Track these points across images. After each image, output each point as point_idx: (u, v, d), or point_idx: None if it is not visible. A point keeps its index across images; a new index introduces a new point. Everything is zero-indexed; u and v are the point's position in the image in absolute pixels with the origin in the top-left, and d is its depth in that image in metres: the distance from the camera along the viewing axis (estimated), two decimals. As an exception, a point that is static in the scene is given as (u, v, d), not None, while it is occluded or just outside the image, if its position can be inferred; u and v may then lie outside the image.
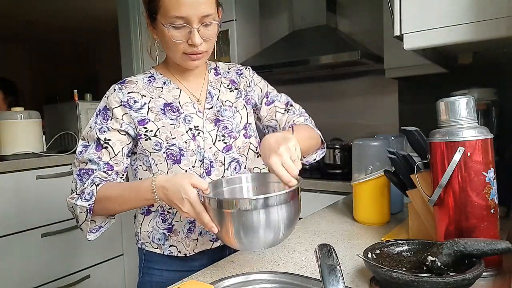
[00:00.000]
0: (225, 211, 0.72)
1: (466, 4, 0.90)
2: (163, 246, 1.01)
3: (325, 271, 0.48)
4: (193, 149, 0.97)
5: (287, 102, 1.17)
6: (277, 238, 0.75)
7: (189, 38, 0.90)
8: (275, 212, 0.71)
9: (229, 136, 1.02)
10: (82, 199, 0.91)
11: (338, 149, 2.21)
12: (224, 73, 1.12)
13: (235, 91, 1.09)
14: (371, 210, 1.15)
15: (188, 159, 0.96)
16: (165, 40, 0.93)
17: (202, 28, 0.91)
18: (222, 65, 1.15)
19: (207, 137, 0.99)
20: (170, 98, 1.00)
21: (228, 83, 1.10)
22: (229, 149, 1.02)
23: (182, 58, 0.95)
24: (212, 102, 1.04)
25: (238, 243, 0.75)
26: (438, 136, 0.78)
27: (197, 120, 1.00)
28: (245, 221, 0.70)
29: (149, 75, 1.04)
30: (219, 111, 1.03)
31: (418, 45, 0.99)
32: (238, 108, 1.07)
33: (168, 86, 1.02)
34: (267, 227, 0.71)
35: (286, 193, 0.72)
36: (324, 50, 2.11)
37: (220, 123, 1.02)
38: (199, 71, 1.06)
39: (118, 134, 0.96)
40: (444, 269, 0.69)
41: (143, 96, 0.98)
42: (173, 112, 0.98)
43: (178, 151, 0.96)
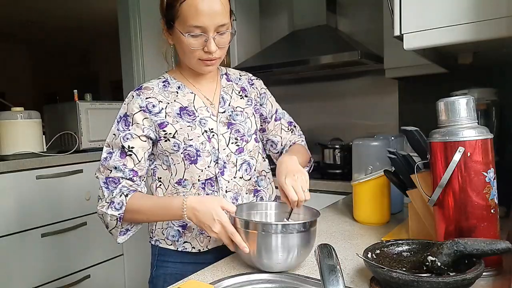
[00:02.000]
0: (251, 231, 0.81)
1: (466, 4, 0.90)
2: (177, 242, 1.04)
3: (325, 271, 0.48)
4: (208, 150, 1.01)
5: (290, 121, 1.26)
6: (292, 262, 0.82)
7: (205, 45, 0.96)
8: (293, 238, 0.80)
9: (241, 139, 1.07)
10: (112, 208, 0.96)
11: (338, 149, 2.21)
12: (236, 80, 1.16)
13: (245, 99, 1.14)
14: (371, 210, 1.15)
15: (204, 159, 1.01)
16: (181, 46, 0.98)
17: (217, 36, 0.96)
18: (233, 71, 1.19)
19: (221, 139, 1.04)
20: (185, 102, 1.04)
21: (239, 90, 1.14)
22: (241, 151, 1.07)
23: (197, 64, 1.00)
24: (225, 106, 1.08)
25: (257, 261, 0.83)
26: (438, 136, 0.78)
27: (211, 123, 1.04)
28: (266, 242, 0.79)
29: (163, 80, 1.08)
30: (231, 116, 1.08)
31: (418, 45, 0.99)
32: (249, 115, 1.11)
33: (183, 91, 1.06)
34: (284, 250, 0.79)
35: (305, 223, 0.82)
36: (324, 50, 2.11)
37: (232, 126, 1.07)
38: (212, 76, 1.11)
39: (140, 140, 1.00)
40: (444, 269, 0.69)
41: (160, 102, 1.02)
42: (189, 115, 1.03)
43: (195, 151, 1.00)
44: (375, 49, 2.15)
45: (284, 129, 1.23)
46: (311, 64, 2.13)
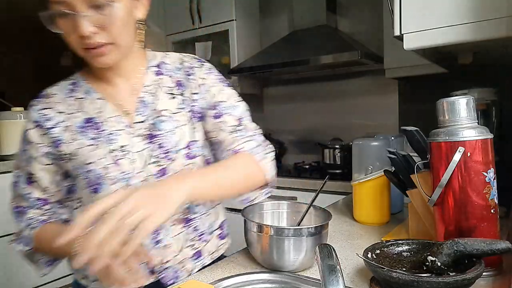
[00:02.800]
0: (264, 235, 0.82)
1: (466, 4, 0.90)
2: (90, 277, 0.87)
3: (325, 271, 0.48)
4: (114, 176, 0.80)
5: (240, 118, 0.89)
6: (304, 262, 0.82)
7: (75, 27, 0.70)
8: (304, 241, 0.80)
9: (165, 157, 0.82)
10: (22, 243, 0.85)
11: (338, 149, 2.21)
12: (173, 71, 0.88)
13: (179, 99, 0.86)
14: (371, 210, 1.15)
15: (108, 189, 0.80)
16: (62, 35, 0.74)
17: (93, 13, 0.70)
18: (174, 58, 0.91)
19: (135, 159, 0.81)
20: (92, 112, 0.82)
21: (172, 86, 0.87)
22: (164, 173, 0.82)
23: (84, 54, 0.75)
24: (146, 113, 0.83)
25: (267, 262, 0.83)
26: (438, 136, 0.78)
27: (124, 138, 0.81)
28: (279, 246, 0.80)
29: (72, 81, 0.86)
30: (154, 124, 0.83)
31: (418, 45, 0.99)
32: (180, 122, 0.85)
33: (91, 96, 0.83)
34: (296, 253, 0.80)
35: (316, 227, 0.82)
36: (324, 50, 2.11)
37: (154, 140, 0.82)
38: (131, 70, 0.85)
39: (39, 164, 0.83)
40: (444, 269, 0.69)
41: (59, 113, 0.82)
42: (94, 129, 0.81)
43: (96, 178, 0.80)
44: (375, 49, 2.15)
45: (224, 129, 0.87)
46: (311, 64, 2.13)
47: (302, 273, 0.82)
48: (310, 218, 0.94)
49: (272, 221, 0.98)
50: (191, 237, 0.89)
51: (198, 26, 2.66)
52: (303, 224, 0.91)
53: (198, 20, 2.65)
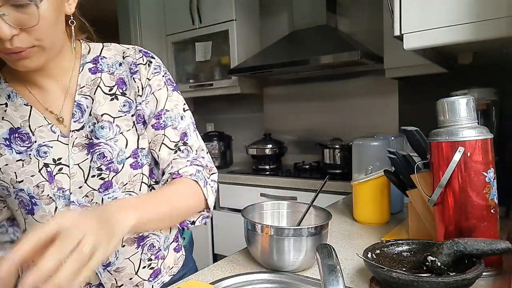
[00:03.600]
0: (264, 235, 0.82)
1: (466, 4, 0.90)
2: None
3: (325, 271, 0.48)
4: (49, 194, 0.70)
5: (184, 132, 0.79)
6: (304, 262, 0.82)
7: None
8: (304, 241, 0.80)
9: (107, 168, 0.72)
10: None
11: (338, 149, 2.21)
12: (112, 67, 0.76)
13: (121, 99, 0.74)
14: (371, 210, 1.15)
15: (44, 208, 0.70)
16: None
17: (12, 11, 0.57)
18: (114, 51, 0.78)
19: (74, 173, 0.71)
20: (17, 121, 0.70)
21: (112, 84, 0.75)
22: (108, 186, 0.73)
23: (4, 57, 0.63)
24: (84, 118, 0.72)
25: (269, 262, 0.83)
26: (438, 136, 0.78)
27: (59, 150, 0.71)
28: (279, 246, 0.80)
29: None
30: (92, 132, 0.72)
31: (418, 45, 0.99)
32: (123, 128, 0.74)
33: (14, 102, 0.71)
34: (296, 253, 0.80)
35: (316, 227, 0.82)
36: (324, 50, 2.11)
37: (94, 149, 0.71)
38: (61, 69, 0.73)
39: None
40: (444, 269, 0.69)
41: None
42: (21, 141, 0.70)
43: (28, 198, 0.70)
44: (375, 49, 2.15)
45: (167, 146, 0.77)
46: (311, 64, 2.13)
47: (302, 273, 0.82)
48: (310, 218, 0.94)
49: (272, 221, 0.98)
50: (147, 257, 0.81)
51: (198, 26, 2.66)
52: (303, 224, 0.91)
53: (198, 20, 2.65)
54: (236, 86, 2.61)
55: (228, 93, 2.66)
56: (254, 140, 2.64)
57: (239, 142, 2.83)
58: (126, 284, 0.79)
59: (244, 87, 2.65)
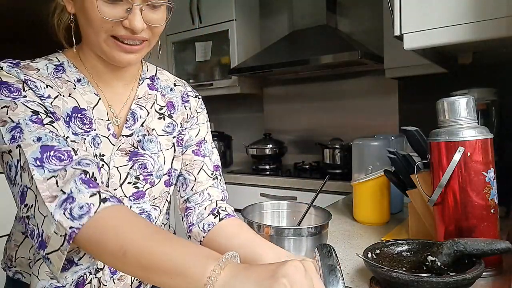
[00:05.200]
0: (264, 234, 0.82)
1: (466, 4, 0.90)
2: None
3: (325, 271, 0.48)
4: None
5: (216, 165, 0.86)
6: None
7: (126, 18, 0.63)
8: (304, 241, 0.81)
9: (145, 179, 0.74)
10: (67, 211, 0.53)
11: (338, 149, 2.21)
12: (164, 89, 0.81)
13: (167, 120, 0.79)
14: (371, 210, 1.15)
15: None
16: (87, 14, 0.63)
17: (147, 9, 0.64)
18: (166, 76, 0.84)
19: (113, 174, 0.71)
20: (84, 103, 0.69)
21: (163, 105, 0.80)
22: (140, 196, 0.74)
23: (109, 45, 0.65)
24: (134, 127, 0.74)
25: None
26: (438, 136, 0.78)
27: (106, 147, 0.70)
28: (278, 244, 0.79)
29: (56, 62, 0.71)
30: (140, 142, 0.74)
31: (418, 45, 0.99)
32: (164, 146, 0.77)
33: (84, 87, 0.71)
34: (296, 253, 0.80)
35: (316, 227, 0.82)
36: (324, 50, 2.11)
37: (137, 158, 0.73)
38: (129, 76, 0.76)
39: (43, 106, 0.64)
40: (444, 269, 0.69)
41: (48, 87, 0.66)
42: (82, 123, 0.68)
43: None
44: (375, 49, 2.15)
45: (204, 170, 0.83)
46: (311, 64, 2.13)
47: (302, 273, 0.82)
48: (310, 218, 0.94)
49: (272, 221, 0.98)
50: None
51: (198, 26, 2.66)
52: (303, 224, 0.91)
53: (198, 20, 2.65)
54: (236, 86, 2.61)
55: (228, 93, 2.66)
56: (254, 140, 2.64)
57: (239, 142, 2.83)
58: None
59: (244, 87, 2.65)
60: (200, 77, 2.82)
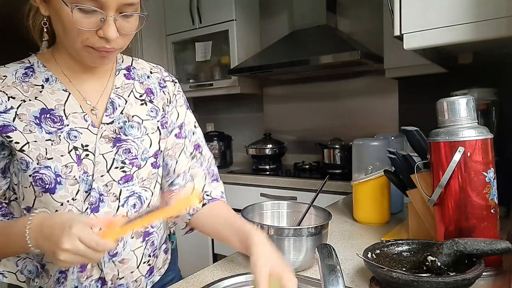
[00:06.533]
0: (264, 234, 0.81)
1: (466, 4, 0.90)
2: (32, 282, 0.79)
3: (325, 271, 0.48)
4: (76, 176, 0.72)
5: (197, 144, 0.91)
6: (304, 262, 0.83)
7: (100, 27, 0.66)
8: (304, 241, 0.81)
9: (131, 163, 0.78)
10: None
11: (338, 149, 2.21)
12: (142, 77, 0.85)
13: (149, 105, 0.83)
14: (371, 210, 1.15)
15: (67, 188, 0.72)
16: (62, 22, 0.66)
17: (120, 18, 0.67)
18: (142, 65, 0.88)
19: (99, 161, 0.75)
20: (52, 103, 0.74)
21: (142, 92, 0.84)
22: (128, 179, 0.78)
23: (84, 51, 0.69)
24: (114, 115, 0.78)
25: None
26: (438, 136, 0.78)
27: (88, 137, 0.75)
28: (279, 245, 0.81)
29: (27, 65, 0.76)
30: (122, 128, 0.78)
31: (418, 45, 0.99)
32: (149, 130, 0.82)
33: (52, 86, 0.75)
34: (296, 253, 0.81)
35: (316, 227, 0.82)
36: (324, 50, 2.11)
37: (121, 144, 0.77)
38: (103, 69, 0.81)
39: None
40: (444, 269, 0.69)
41: (10, 98, 0.71)
42: (52, 122, 0.73)
43: (54, 177, 0.71)
44: (375, 49, 2.15)
45: (184, 152, 0.88)
46: (311, 64, 2.13)
47: (302, 273, 0.82)
48: (310, 218, 0.94)
49: (272, 221, 0.98)
50: (148, 252, 0.84)
51: (198, 26, 2.66)
52: (303, 224, 0.91)
53: (198, 20, 2.65)
54: (236, 86, 2.61)
55: (228, 93, 2.66)
56: (254, 140, 2.64)
57: (239, 142, 2.83)
58: (126, 278, 0.81)
59: (244, 87, 2.65)
60: (200, 77, 2.82)
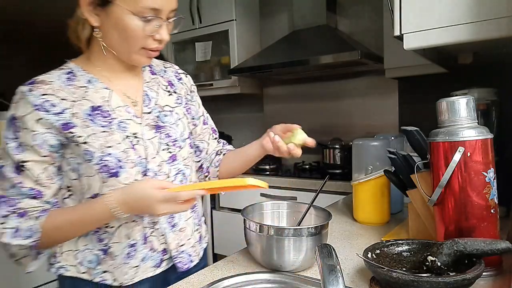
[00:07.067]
0: (263, 234, 0.83)
1: (466, 4, 0.90)
2: (94, 271, 0.84)
3: (325, 271, 0.48)
4: (133, 159, 0.83)
5: (214, 128, 1.11)
6: (304, 262, 0.82)
7: (156, 32, 0.79)
8: (304, 241, 0.81)
9: (174, 144, 0.90)
10: (19, 237, 0.77)
11: (338, 149, 2.21)
12: (161, 72, 0.98)
13: (174, 96, 0.96)
14: (371, 210, 1.15)
15: (128, 171, 0.82)
16: (122, 31, 0.78)
17: (167, 22, 0.81)
18: (157, 62, 1.00)
19: (148, 146, 0.86)
20: (98, 101, 0.83)
21: (166, 84, 0.96)
22: (174, 159, 0.90)
23: (138, 54, 0.82)
24: (151, 105, 0.90)
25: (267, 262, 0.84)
26: (438, 136, 0.78)
27: (134, 126, 0.85)
28: (279, 245, 0.81)
29: (67, 71, 0.85)
30: (158, 117, 0.90)
31: (418, 45, 0.99)
32: (180, 116, 0.94)
33: (94, 86, 0.84)
34: (296, 253, 0.81)
35: (316, 227, 0.82)
36: (324, 50, 2.11)
37: (161, 129, 0.89)
38: (135, 68, 0.91)
39: (34, 153, 0.78)
40: (444, 269, 0.69)
41: (62, 100, 0.79)
42: (103, 117, 0.82)
43: (116, 162, 0.80)
44: (375, 49, 2.15)
45: (211, 135, 1.08)
46: (311, 64, 2.13)
47: (302, 273, 0.82)
48: (310, 218, 0.94)
49: (272, 221, 0.98)
50: (196, 222, 0.99)
51: (198, 26, 2.66)
52: (303, 224, 0.91)
53: (198, 20, 2.65)
54: (236, 86, 2.61)
55: (228, 93, 2.66)
56: (254, 140, 2.64)
57: (239, 142, 2.83)
58: (186, 245, 0.92)
59: (244, 87, 2.65)
60: (200, 77, 2.82)
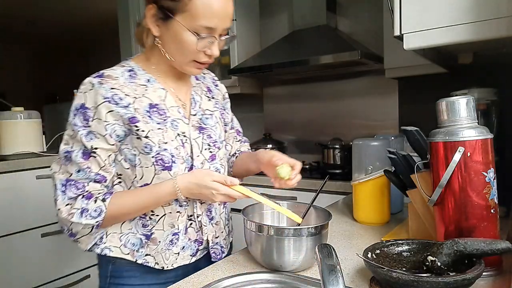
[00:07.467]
0: (263, 234, 0.83)
1: (466, 4, 0.90)
2: (137, 253, 0.91)
3: (325, 271, 0.48)
4: (183, 156, 0.91)
5: (239, 130, 1.19)
6: (304, 262, 0.83)
7: (208, 47, 0.87)
8: (304, 241, 0.81)
9: (214, 145, 0.99)
10: (87, 216, 0.85)
11: (338, 149, 2.21)
12: (201, 78, 1.07)
13: (213, 101, 1.06)
14: (371, 210, 1.15)
15: (179, 166, 0.90)
16: (179, 44, 0.87)
17: (220, 39, 0.89)
18: None
19: (194, 145, 0.94)
20: (156, 99, 0.91)
21: (206, 90, 1.06)
22: (213, 158, 0.98)
23: (189, 65, 0.91)
24: (196, 108, 0.99)
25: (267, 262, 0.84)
26: (438, 136, 0.78)
27: (183, 126, 0.93)
28: (279, 245, 0.81)
29: (128, 68, 0.93)
30: (201, 120, 0.98)
31: (418, 45, 0.99)
32: (217, 119, 1.03)
33: (153, 85, 0.93)
34: (296, 253, 0.81)
35: (316, 227, 0.83)
36: (324, 50, 2.11)
37: (204, 131, 0.98)
38: (186, 74, 0.99)
39: (104, 141, 0.86)
40: (444, 269, 0.69)
41: (126, 95, 0.87)
42: (159, 114, 0.90)
43: (170, 157, 0.89)
44: (375, 49, 2.15)
45: (235, 138, 1.17)
46: (311, 64, 2.12)
47: (302, 273, 0.82)
48: (310, 218, 0.94)
49: (272, 221, 0.98)
50: (226, 217, 1.07)
51: (198, 26, 2.66)
52: (303, 224, 0.91)
53: (198, 20, 2.65)
54: (236, 86, 2.61)
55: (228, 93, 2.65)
56: (254, 140, 2.64)
57: (239, 142, 2.83)
58: (219, 237, 1.01)
59: (244, 87, 2.65)
60: (200, 77, 2.82)
